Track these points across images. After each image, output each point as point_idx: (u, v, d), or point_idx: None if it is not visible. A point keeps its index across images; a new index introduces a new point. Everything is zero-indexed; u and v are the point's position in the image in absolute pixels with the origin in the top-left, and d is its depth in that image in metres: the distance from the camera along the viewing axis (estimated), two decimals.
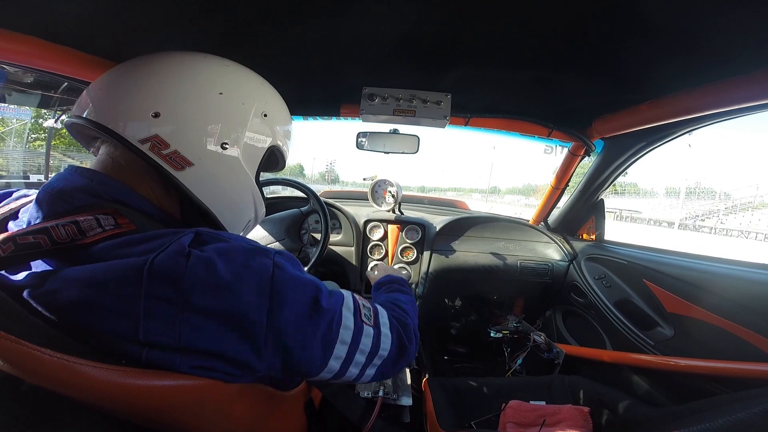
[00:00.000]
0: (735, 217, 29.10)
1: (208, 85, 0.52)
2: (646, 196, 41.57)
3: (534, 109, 1.26)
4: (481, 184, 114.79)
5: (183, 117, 0.49)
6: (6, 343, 0.32)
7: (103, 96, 0.50)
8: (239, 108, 0.54)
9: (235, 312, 0.40)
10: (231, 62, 0.58)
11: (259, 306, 0.42)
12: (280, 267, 0.45)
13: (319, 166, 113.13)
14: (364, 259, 1.65)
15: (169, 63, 0.52)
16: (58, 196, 0.44)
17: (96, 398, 0.37)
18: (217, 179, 0.53)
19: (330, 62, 0.98)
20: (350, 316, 0.51)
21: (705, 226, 27.99)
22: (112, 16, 0.71)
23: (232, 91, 0.54)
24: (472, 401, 1.02)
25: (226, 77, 0.55)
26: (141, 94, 0.49)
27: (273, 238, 1.16)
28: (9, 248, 0.38)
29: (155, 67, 0.51)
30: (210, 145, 0.51)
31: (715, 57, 0.75)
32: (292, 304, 0.44)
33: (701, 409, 0.61)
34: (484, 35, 0.77)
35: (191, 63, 0.54)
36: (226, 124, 0.52)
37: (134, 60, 0.53)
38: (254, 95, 0.57)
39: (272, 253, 0.46)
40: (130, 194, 0.47)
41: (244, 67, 0.59)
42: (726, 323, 0.95)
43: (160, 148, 0.47)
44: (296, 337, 0.44)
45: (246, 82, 0.58)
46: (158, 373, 0.38)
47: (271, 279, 0.43)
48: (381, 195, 1.74)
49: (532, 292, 1.73)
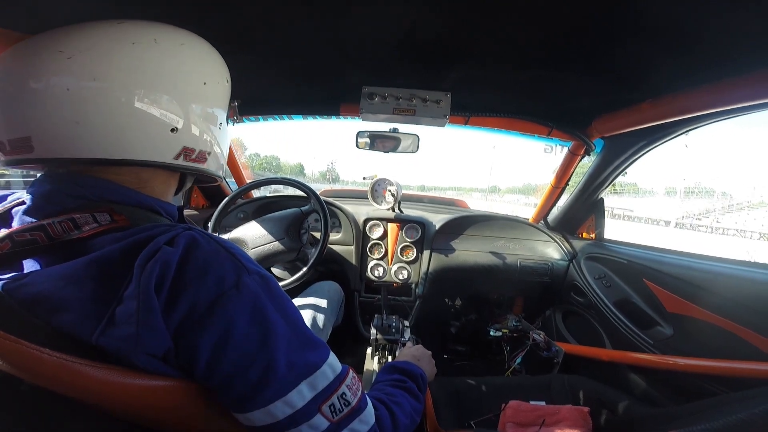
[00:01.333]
0: (731, 217, 29.76)
1: (193, 78, 0.50)
2: (645, 195, 41.76)
3: (534, 109, 1.26)
4: (481, 184, 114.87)
5: (195, 122, 0.51)
6: (6, 343, 0.32)
7: (87, 126, 0.42)
8: (219, 88, 0.56)
9: (173, 308, 0.38)
10: (180, 35, 0.50)
11: (196, 310, 0.39)
12: (240, 288, 0.41)
13: (319, 165, 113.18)
14: (363, 258, 1.65)
15: (144, 72, 0.45)
16: (48, 199, 0.43)
17: (95, 398, 0.37)
18: (223, 151, 0.60)
19: (330, 62, 0.98)
20: (307, 393, 0.42)
21: (702, 225, 28.55)
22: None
23: (208, 73, 0.53)
24: (471, 400, 1.02)
25: (197, 60, 0.52)
26: (148, 116, 0.45)
27: (272, 237, 1.16)
28: (6, 245, 0.38)
29: (139, 76, 0.44)
30: (215, 131, 0.55)
31: (715, 57, 0.75)
32: (223, 330, 0.39)
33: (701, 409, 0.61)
34: (484, 34, 0.77)
35: (166, 59, 0.47)
36: (218, 108, 0.56)
37: (85, 68, 0.42)
38: (219, 66, 0.56)
39: (247, 271, 0.42)
40: (124, 193, 0.46)
41: (191, 35, 0.52)
42: (726, 323, 0.95)
43: (189, 155, 0.51)
44: (203, 359, 0.39)
45: (207, 56, 0.54)
46: (158, 374, 0.38)
47: (222, 293, 0.40)
48: (381, 194, 1.74)
49: (531, 291, 1.73)
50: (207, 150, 0.54)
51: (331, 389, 0.44)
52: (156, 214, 0.49)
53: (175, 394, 0.40)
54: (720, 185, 49.69)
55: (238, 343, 0.39)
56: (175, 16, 0.72)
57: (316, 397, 0.42)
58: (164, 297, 0.38)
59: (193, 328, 0.38)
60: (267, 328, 0.41)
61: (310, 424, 0.42)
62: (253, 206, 1.66)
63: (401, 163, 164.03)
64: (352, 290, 1.61)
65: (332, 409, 0.43)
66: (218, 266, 0.41)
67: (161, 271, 0.37)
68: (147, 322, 0.36)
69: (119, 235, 0.41)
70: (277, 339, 0.41)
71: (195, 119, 0.50)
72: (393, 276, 1.63)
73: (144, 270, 0.37)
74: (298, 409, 0.41)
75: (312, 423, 0.42)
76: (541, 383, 1.07)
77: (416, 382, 0.66)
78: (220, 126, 0.56)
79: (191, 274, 0.39)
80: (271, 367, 0.40)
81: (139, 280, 0.37)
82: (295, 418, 0.41)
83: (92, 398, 0.37)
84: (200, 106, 0.51)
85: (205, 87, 0.52)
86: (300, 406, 0.41)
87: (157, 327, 0.37)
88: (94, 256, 0.39)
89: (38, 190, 0.44)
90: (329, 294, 1.29)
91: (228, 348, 0.39)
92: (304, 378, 0.42)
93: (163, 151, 0.48)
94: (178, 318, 0.38)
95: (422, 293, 1.60)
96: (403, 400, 0.58)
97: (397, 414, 0.53)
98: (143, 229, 0.42)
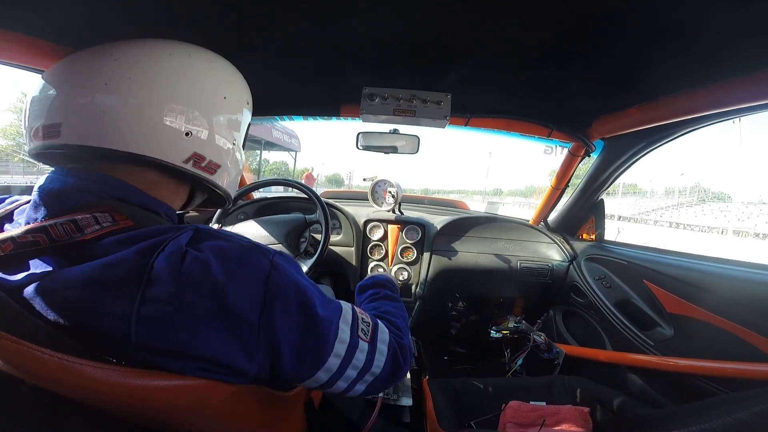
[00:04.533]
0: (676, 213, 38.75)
1: (215, 91, 0.55)
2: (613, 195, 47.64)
3: (534, 110, 1.26)
4: (482, 187, 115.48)
5: (210, 131, 0.53)
6: (6, 343, 0.32)
7: (112, 117, 0.47)
8: (237, 106, 0.58)
9: (227, 313, 0.40)
10: (210, 55, 0.57)
11: (252, 307, 0.41)
12: (277, 268, 0.44)
13: (326, 170, 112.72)
14: (364, 260, 1.65)
15: (175, 79, 0.51)
16: (55, 196, 0.43)
17: (96, 398, 0.37)
18: (235, 169, 0.61)
19: (330, 62, 0.98)
20: (347, 329, 0.50)
21: (650, 219, 36.78)
22: (111, 17, 0.71)
23: (230, 91, 0.57)
24: (472, 401, 1.02)
25: (222, 77, 0.57)
26: (168, 118, 0.49)
27: (272, 239, 1.16)
28: (9, 247, 0.38)
29: (169, 81, 0.50)
30: (228, 146, 0.57)
31: (715, 57, 0.75)
32: (285, 309, 0.43)
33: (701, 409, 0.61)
34: (484, 35, 0.77)
35: (195, 71, 0.53)
36: (234, 124, 0.58)
37: (126, 68, 0.49)
38: (241, 89, 0.60)
39: (271, 254, 0.46)
40: (131, 192, 0.47)
41: (220, 57, 0.58)
42: (726, 323, 0.95)
43: (199, 162, 0.52)
44: (287, 344, 0.43)
45: (232, 76, 0.59)
46: (158, 373, 0.38)
47: (266, 279, 0.43)
48: (381, 195, 1.74)
49: (532, 292, 1.73)
50: (218, 162, 0.55)
51: (355, 318, 0.52)
52: (157, 216, 0.49)
53: (176, 394, 0.40)
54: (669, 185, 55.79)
55: (294, 314, 0.44)
56: (176, 17, 0.73)
57: (353, 328, 0.51)
58: (209, 293, 0.39)
59: (263, 314, 0.42)
60: (305, 293, 0.46)
61: (360, 350, 0.50)
62: (254, 207, 1.66)
63: (404, 167, 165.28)
64: (352, 291, 1.61)
65: (364, 332, 0.52)
66: (250, 256, 0.44)
67: (196, 269, 0.39)
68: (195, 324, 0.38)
69: (122, 237, 0.41)
70: (314, 297, 0.47)
71: (210, 129, 0.53)
72: (393, 277, 1.63)
73: (176, 270, 0.38)
74: (348, 343, 0.49)
75: (360, 348, 0.50)
76: (542, 384, 1.07)
77: (388, 288, 0.76)
78: (234, 144, 0.58)
79: (229, 268, 0.41)
80: (320, 320, 0.46)
81: (176, 281, 0.38)
82: (350, 351, 0.49)
83: (93, 399, 0.37)
84: (218, 119, 0.54)
85: (225, 101, 0.55)
86: (348, 340, 0.49)
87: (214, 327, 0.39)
88: (108, 260, 0.39)
89: (47, 185, 0.44)
90: (330, 293, 1.29)
91: (293, 322, 0.44)
92: (339, 318, 0.50)
93: (174, 153, 0.50)
94: (234, 313, 0.40)
95: (422, 294, 1.59)
96: (387, 307, 0.69)
97: (391, 320, 0.63)
98: (152, 231, 0.42)
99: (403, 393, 1.00)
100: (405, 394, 0.99)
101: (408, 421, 0.98)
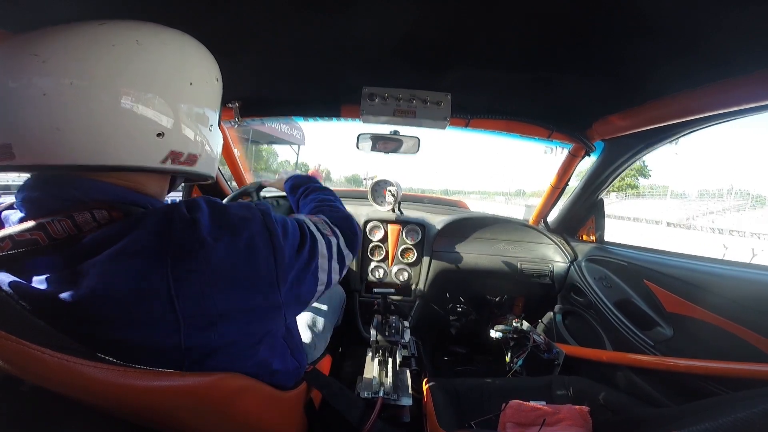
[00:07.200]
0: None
1: (180, 78, 0.48)
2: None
3: (534, 111, 1.26)
4: (505, 188, 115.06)
5: (182, 124, 0.49)
6: (6, 343, 0.32)
7: (65, 133, 0.40)
8: (207, 88, 0.53)
9: (248, 264, 0.45)
10: (163, 34, 0.48)
11: (267, 254, 0.47)
12: (266, 214, 0.51)
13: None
14: (364, 260, 1.65)
15: (127, 76, 0.43)
16: (37, 204, 0.42)
17: (96, 398, 0.37)
18: (214, 152, 0.59)
19: (330, 63, 0.98)
20: (320, 237, 0.60)
21: (703, 226, 31.84)
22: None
23: (196, 74, 0.50)
24: (472, 401, 1.02)
25: (183, 60, 0.49)
26: (133, 123, 0.43)
27: None
28: (7, 245, 0.38)
29: (121, 80, 0.42)
30: (204, 132, 0.54)
31: (715, 57, 0.75)
32: (288, 247, 0.51)
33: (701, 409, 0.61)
34: (484, 36, 0.77)
35: (148, 62, 0.45)
36: (208, 109, 0.54)
37: (63, 72, 0.40)
38: (208, 65, 0.54)
39: (253, 206, 0.52)
40: (119, 192, 0.46)
41: (174, 32, 0.49)
42: (726, 323, 0.95)
43: (177, 158, 0.50)
44: (294, 270, 0.51)
45: (194, 55, 0.51)
46: (158, 373, 0.38)
47: (266, 227, 0.49)
48: (381, 194, 1.74)
49: (532, 292, 1.73)
50: (197, 152, 0.52)
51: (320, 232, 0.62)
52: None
53: (176, 394, 0.40)
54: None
55: (291, 245, 0.53)
56: (174, 17, 0.73)
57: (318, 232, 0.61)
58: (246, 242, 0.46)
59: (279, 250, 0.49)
60: (284, 227, 0.53)
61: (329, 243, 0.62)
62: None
63: (421, 168, 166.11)
64: (352, 290, 1.61)
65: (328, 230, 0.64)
66: (242, 212, 0.49)
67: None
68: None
69: (119, 225, 0.41)
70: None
71: (182, 121, 0.48)
72: (393, 278, 1.63)
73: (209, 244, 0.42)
74: (326, 246, 0.60)
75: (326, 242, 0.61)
76: (542, 384, 1.07)
77: (307, 182, 0.91)
78: (211, 127, 0.55)
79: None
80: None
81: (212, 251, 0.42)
82: (328, 245, 0.61)
83: (93, 399, 0.37)
84: (187, 108, 0.49)
85: (192, 87, 0.49)
86: (326, 254, 0.60)
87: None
88: (121, 245, 0.39)
89: (27, 195, 0.42)
90: (330, 294, 1.29)
91: (301, 255, 0.54)
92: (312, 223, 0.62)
93: (149, 156, 0.45)
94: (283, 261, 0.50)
95: (422, 294, 1.59)
96: (321, 195, 0.83)
97: (334, 204, 0.79)
98: (144, 216, 0.43)
99: (403, 393, 0.99)
100: (405, 395, 0.99)
101: (408, 421, 0.98)
